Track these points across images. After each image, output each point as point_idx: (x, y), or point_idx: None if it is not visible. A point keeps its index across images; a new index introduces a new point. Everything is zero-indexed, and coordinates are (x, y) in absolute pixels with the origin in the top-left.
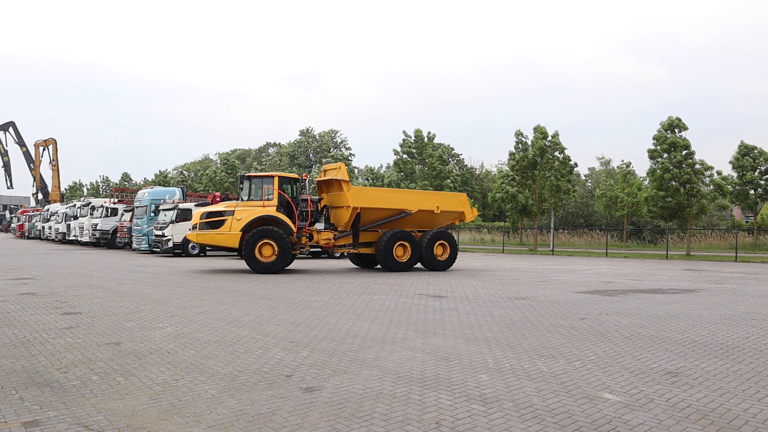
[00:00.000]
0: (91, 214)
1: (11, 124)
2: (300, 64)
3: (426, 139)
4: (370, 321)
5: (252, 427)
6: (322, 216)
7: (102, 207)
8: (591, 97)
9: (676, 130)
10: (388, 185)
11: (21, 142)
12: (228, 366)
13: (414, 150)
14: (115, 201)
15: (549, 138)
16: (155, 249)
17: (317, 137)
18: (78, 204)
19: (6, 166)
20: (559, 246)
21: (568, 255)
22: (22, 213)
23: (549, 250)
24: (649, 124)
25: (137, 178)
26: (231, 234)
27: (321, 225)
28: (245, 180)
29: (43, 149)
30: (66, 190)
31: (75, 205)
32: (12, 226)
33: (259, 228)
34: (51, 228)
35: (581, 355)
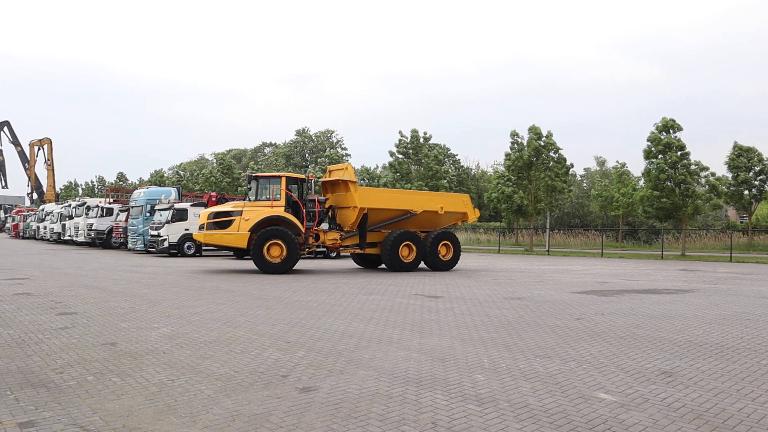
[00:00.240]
0: (87, 214)
1: (6, 123)
2: (297, 64)
3: (422, 140)
4: (366, 321)
5: (248, 428)
6: (326, 216)
7: (97, 207)
8: (589, 98)
9: (670, 131)
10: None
11: (16, 141)
12: (224, 366)
13: (410, 150)
14: (111, 201)
15: (543, 138)
16: (151, 249)
17: (313, 137)
18: (73, 204)
19: (0, 165)
20: (555, 246)
21: (563, 255)
22: (17, 213)
23: (545, 250)
24: (647, 124)
25: (133, 177)
26: (239, 234)
27: (325, 225)
28: (253, 180)
29: (38, 149)
30: (61, 189)
31: (70, 205)
32: (7, 225)
33: (268, 228)
34: (46, 228)
35: (577, 355)
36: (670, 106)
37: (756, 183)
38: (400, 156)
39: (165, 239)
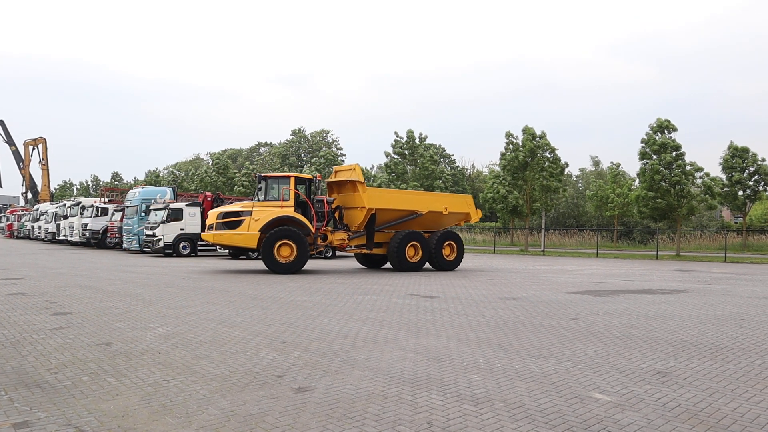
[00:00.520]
0: (81, 213)
1: (0, 122)
2: (293, 64)
3: (417, 140)
4: (361, 321)
5: (244, 428)
6: (332, 217)
7: (92, 206)
8: (585, 98)
9: (665, 131)
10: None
11: (10, 140)
12: (219, 366)
13: (406, 151)
14: (106, 200)
15: (537, 138)
16: (146, 249)
17: (308, 137)
18: (68, 203)
19: None
20: (550, 246)
21: (558, 255)
22: (11, 212)
23: (540, 250)
24: (643, 124)
25: (128, 177)
26: (249, 234)
27: (329, 226)
28: (262, 180)
29: (33, 148)
30: (56, 189)
31: (65, 205)
32: (1, 225)
33: (279, 228)
34: (40, 228)
35: (572, 356)
36: (665, 106)
37: (750, 184)
38: (395, 156)
39: (160, 239)
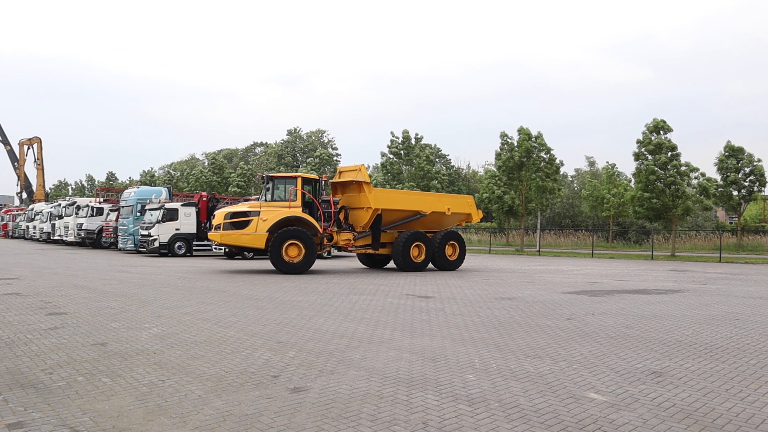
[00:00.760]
0: (77, 213)
1: None
2: (288, 63)
3: (413, 140)
4: (356, 321)
5: (239, 428)
6: (336, 217)
7: (87, 206)
8: (579, 99)
9: (661, 132)
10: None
11: (5, 140)
12: (215, 366)
13: (402, 151)
14: (101, 200)
15: (533, 138)
16: (141, 249)
17: (304, 137)
18: (63, 203)
19: None
20: (546, 246)
21: (554, 255)
22: (6, 212)
23: (535, 250)
24: (637, 124)
25: (123, 177)
26: (257, 234)
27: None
28: (269, 180)
29: (28, 148)
30: (51, 189)
31: (60, 205)
32: None
33: (287, 228)
34: (35, 227)
35: (567, 356)
36: (659, 107)
37: (745, 184)
38: (391, 156)
39: (155, 239)
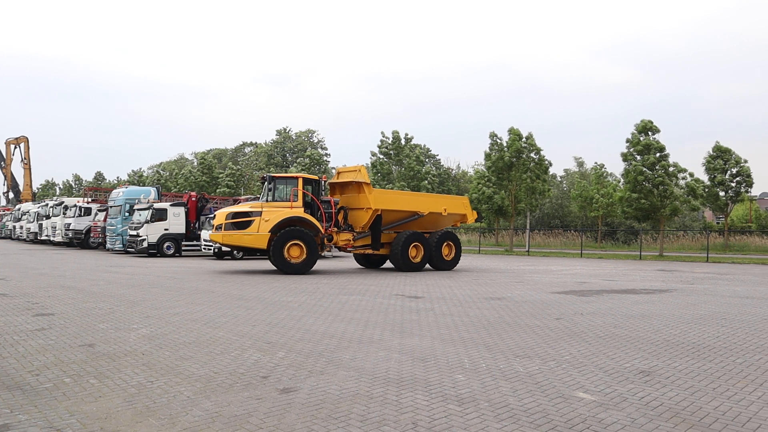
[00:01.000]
0: (64, 213)
1: None
2: (279, 63)
3: (403, 141)
4: (346, 322)
5: (228, 429)
6: (335, 217)
7: (75, 206)
8: (570, 100)
9: (649, 132)
10: None
11: None
12: (204, 367)
13: (391, 151)
14: (89, 200)
15: (524, 139)
16: (129, 249)
17: (293, 137)
18: (50, 203)
19: None
20: (535, 246)
21: (543, 255)
22: None
23: (525, 250)
24: (626, 126)
25: (111, 177)
26: (259, 235)
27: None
28: (271, 180)
29: (15, 147)
30: (38, 189)
31: (47, 205)
32: None
33: (289, 228)
34: (22, 228)
35: (556, 355)
36: (648, 108)
37: (732, 185)
38: (381, 156)
39: (144, 239)
